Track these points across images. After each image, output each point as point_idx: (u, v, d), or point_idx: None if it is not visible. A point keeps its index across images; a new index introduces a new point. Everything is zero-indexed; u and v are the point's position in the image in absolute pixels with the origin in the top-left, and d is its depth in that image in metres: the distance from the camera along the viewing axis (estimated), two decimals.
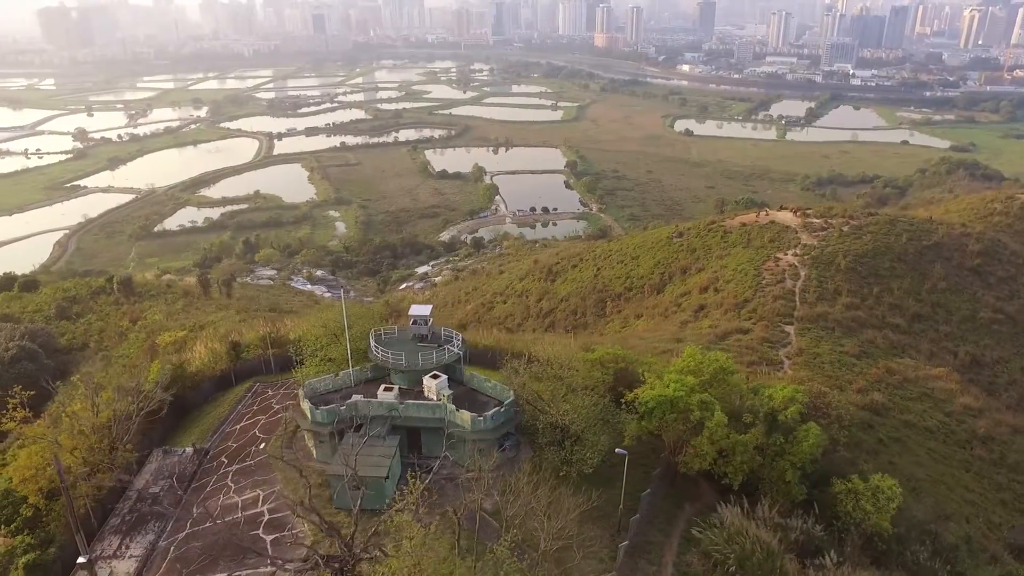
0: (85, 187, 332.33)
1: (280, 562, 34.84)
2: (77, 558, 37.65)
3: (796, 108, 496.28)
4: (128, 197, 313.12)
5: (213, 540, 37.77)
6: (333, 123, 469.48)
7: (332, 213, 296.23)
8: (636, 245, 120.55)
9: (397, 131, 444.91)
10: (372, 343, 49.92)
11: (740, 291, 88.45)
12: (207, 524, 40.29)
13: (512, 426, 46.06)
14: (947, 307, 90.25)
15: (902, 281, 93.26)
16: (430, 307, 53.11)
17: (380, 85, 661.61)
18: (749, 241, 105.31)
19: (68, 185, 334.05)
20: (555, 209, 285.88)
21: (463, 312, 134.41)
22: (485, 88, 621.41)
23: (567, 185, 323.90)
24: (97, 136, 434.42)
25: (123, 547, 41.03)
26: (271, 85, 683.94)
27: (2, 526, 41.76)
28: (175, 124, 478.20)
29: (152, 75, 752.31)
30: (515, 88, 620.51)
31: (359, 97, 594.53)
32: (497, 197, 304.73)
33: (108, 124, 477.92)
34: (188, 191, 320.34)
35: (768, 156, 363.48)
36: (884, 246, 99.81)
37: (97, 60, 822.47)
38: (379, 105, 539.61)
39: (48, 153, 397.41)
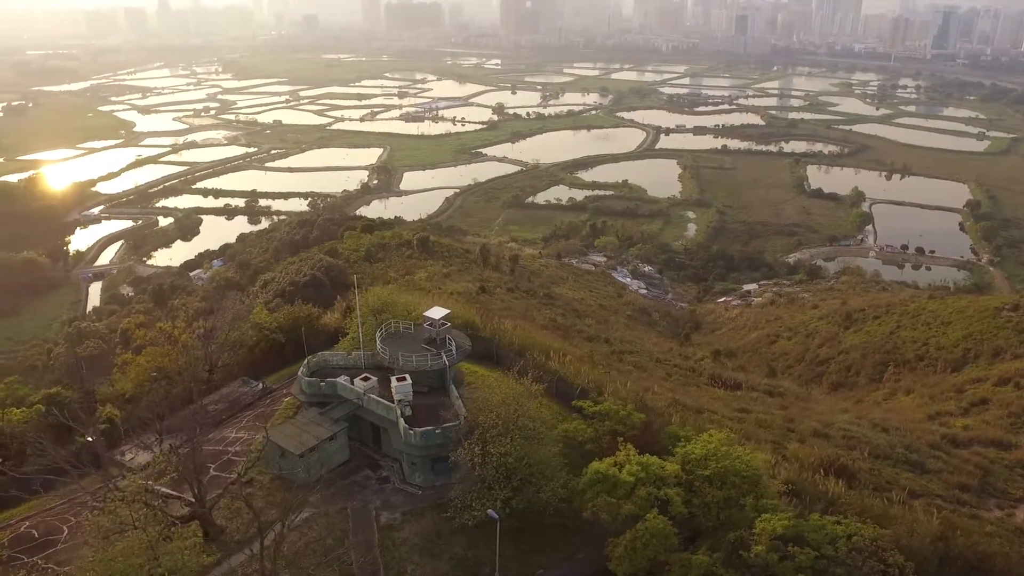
0: (485, 154, 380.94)
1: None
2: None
3: None
4: (515, 168, 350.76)
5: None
6: (722, 124, 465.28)
7: (689, 214, 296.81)
8: (955, 310, 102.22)
9: (786, 141, 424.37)
10: (378, 335, 51.90)
11: None
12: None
13: (450, 451, 44.30)
14: None
15: None
16: (445, 311, 53.22)
17: (786, 92, 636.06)
18: None
19: (473, 151, 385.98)
20: (932, 252, 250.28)
21: (746, 339, 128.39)
22: (903, 107, 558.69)
23: (961, 227, 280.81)
24: (511, 112, 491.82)
25: (156, 443, 46.55)
26: (685, 81, 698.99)
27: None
28: (577, 108, 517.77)
29: (579, 62, 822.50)
30: (941, 111, 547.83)
31: (760, 102, 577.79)
32: (868, 227, 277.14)
33: (524, 102, 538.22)
34: (565, 171, 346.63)
35: None
36: None
37: (535, 46, 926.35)
38: (776, 112, 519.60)
39: (470, 122, 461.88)
